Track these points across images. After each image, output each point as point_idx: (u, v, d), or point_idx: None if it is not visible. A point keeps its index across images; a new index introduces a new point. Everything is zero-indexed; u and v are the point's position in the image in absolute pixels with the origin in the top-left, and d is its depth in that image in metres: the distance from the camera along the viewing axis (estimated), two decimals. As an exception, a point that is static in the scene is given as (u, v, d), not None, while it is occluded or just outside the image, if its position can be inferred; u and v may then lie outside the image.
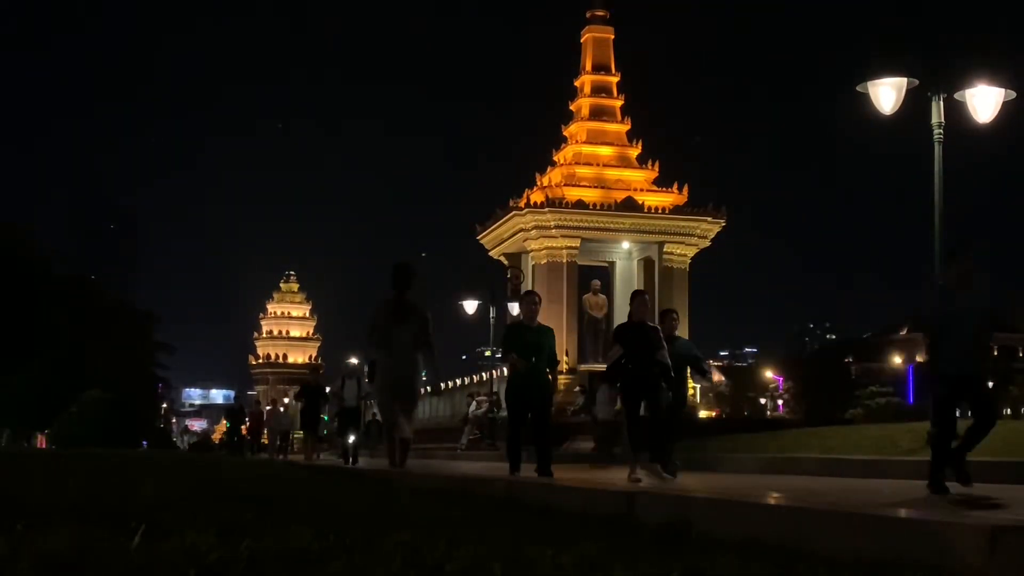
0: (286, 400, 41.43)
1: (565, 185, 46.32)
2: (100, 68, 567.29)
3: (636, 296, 11.94)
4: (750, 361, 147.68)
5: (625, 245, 46.94)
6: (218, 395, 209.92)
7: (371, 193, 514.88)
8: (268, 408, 38.18)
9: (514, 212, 45.73)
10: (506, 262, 46.73)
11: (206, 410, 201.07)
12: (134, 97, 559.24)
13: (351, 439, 20.94)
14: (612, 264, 47.99)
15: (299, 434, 37.87)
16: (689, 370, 13.45)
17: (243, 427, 37.76)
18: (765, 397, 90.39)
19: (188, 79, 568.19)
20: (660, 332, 11.51)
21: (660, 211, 45.93)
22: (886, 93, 14.50)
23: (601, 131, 48.37)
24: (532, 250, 46.03)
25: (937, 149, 14.48)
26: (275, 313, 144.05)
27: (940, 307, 8.69)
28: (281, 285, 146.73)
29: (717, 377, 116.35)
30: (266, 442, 36.42)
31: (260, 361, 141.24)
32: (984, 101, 14.39)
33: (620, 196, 45.78)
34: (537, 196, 45.65)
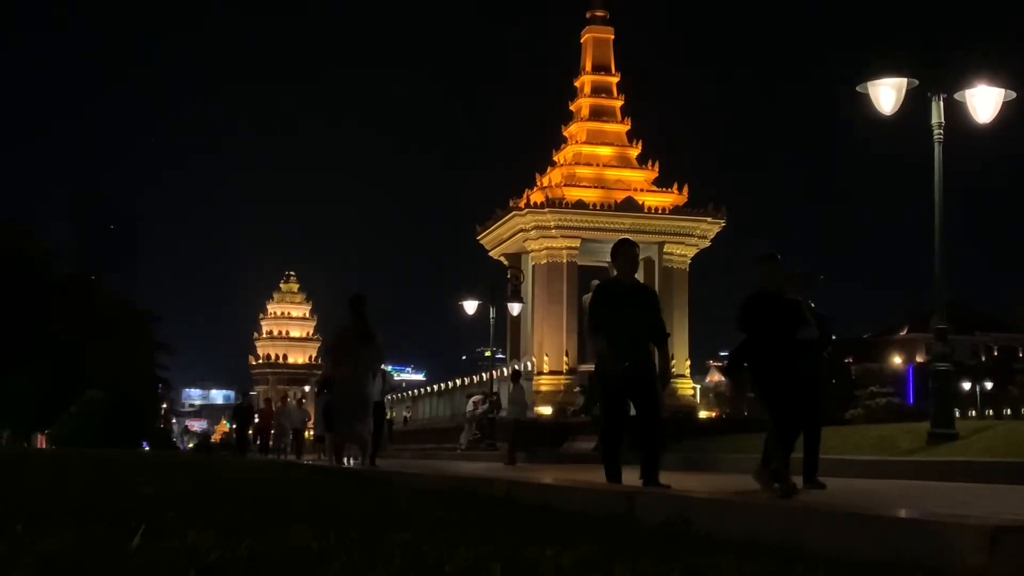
0: (289, 400, 40.62)
1: (565, 185, 46.35)
2: (101, 67, 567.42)
3: (767, 261, 8.87)
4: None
5: (625, 245, 46.99)
6: (218, 395, 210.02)
7: (371, 193, 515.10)
8: (278, 405, 36.99)
9: (514, 212, 45.77)
10: (506, 262, 46.75)
11: (206, 410, 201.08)
12: (135, 96, 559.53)
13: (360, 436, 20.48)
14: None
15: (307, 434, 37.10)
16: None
17: (250, 427, 36.49)
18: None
19: (189, 78, 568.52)
20: (801, 305, 8.87)
21: (660, 211, 45.98)
22: (886, 93, 14.49)
23: (601, 131, 48.40)
24: (532, 250, 46.05)
25: (937, 149, 14.48)
26: (275, 313, 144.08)
27: None
28: (281, 285, 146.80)
29: (716, 377, 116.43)
30: (271, 443, 35.61)
31: (260, 361, 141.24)
32: (984, 101, 14.39)
33: (620, 196, 45.82)
34: (537, 196, 45.68)
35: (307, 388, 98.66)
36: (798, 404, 8.63)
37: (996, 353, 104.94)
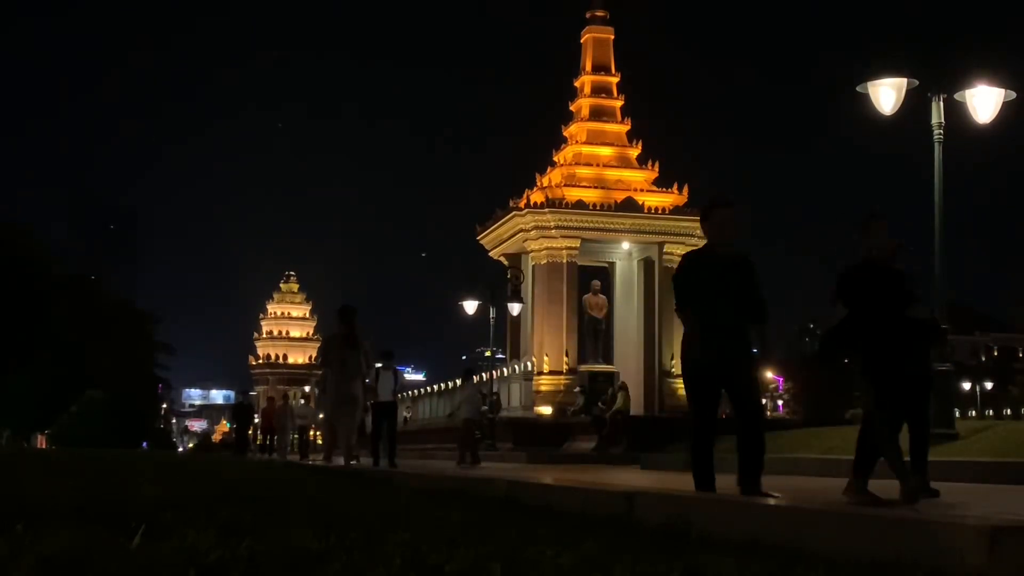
0: (290, 399, 39.87)
1: (565, 185, 46.32)
2: (101, 66, 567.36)
3: (878, 221, 7.74)
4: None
5: (625, 246, 46.94)
6: (218, 395, 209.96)
7: (371, 193, 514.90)
8: (279, 404, 36.04)
9: (514, 212, 45.73)
10: (506, 262, 46.73)
11: (206, 410, 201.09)
12: (135, 96, 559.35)
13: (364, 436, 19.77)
14: (612, 264, 47.98)
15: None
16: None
17: (250, 427, 35.17)
18: (765, 397, 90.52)
19: (189, 78, 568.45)
20: (908, 278, 7.63)
21: (660, 211, 45.93)
22: (886, 93, 14.50)
23: (601, 131, 48.37)
24: (532, 250, 46.02)
25: (937, 149, 14.49)
26: (275, 313, 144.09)
27: None
28: (281, 285, 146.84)
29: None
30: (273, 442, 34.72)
31: (260, 362, 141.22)
32: (984, 101, 14.40)
33: (620, 196, 45.78)
34: (537, 196, 45.65)
35: (307, 388, 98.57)
36: (906, 397, 7.37)
37: (996, 353, 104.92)
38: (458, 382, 47.64)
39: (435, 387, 50.33)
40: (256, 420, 36.25)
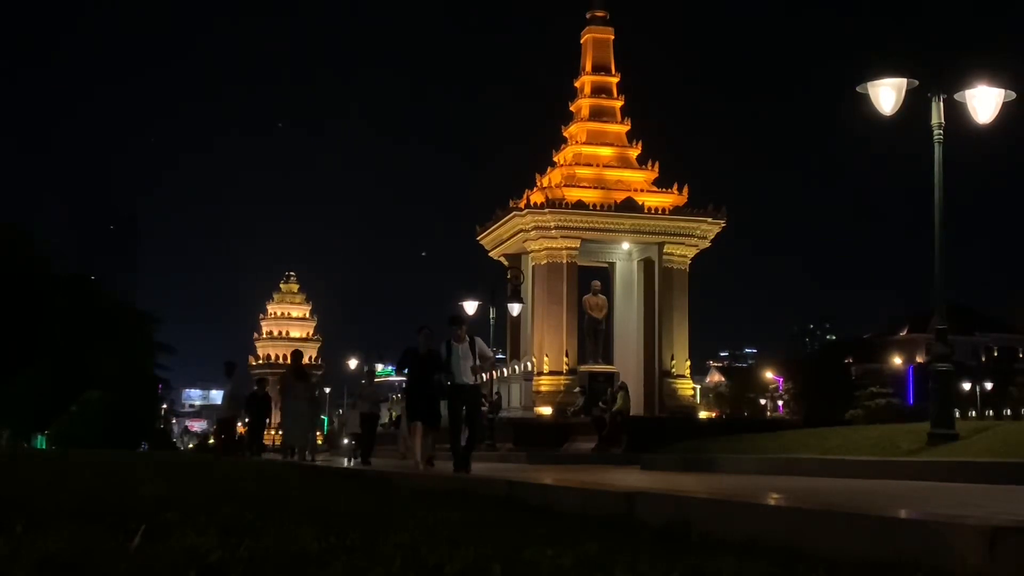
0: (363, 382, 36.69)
1: (565, 186, 46.32)
2: (101, 68, 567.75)
3: None
4: (750, 362, 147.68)
5: (625, 246, 46.94)
6: (218, 395, 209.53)
7: (371, 193, 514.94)
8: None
9: (514, 213, 45.73)
10: (506, 263, 46.74)
11: (206, 410, 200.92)
12: (135, 97, 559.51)
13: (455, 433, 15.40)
14: (612, 265, 47.98)
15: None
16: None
17: (268, 422, 32.84)
18: (765, 398, 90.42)
19: (189, 79, 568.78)
20: None
21: (660, 212, 45.94)
22: (886, 94, 14.50)
23: (601, 132, 48.37)
24: (532, 251, 46.02)
25: (937, 149, 14.49)
26: (275, 314, 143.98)
27: None
28: (281, 285, 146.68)
29: (716, 377, 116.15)
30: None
31: (260, 362, 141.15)
32: (984, 101, 14.39)
33: (620, 197, 45.79)
34: (537, 197, 45.65)
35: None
36: None
37: (996, 353, 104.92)
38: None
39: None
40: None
